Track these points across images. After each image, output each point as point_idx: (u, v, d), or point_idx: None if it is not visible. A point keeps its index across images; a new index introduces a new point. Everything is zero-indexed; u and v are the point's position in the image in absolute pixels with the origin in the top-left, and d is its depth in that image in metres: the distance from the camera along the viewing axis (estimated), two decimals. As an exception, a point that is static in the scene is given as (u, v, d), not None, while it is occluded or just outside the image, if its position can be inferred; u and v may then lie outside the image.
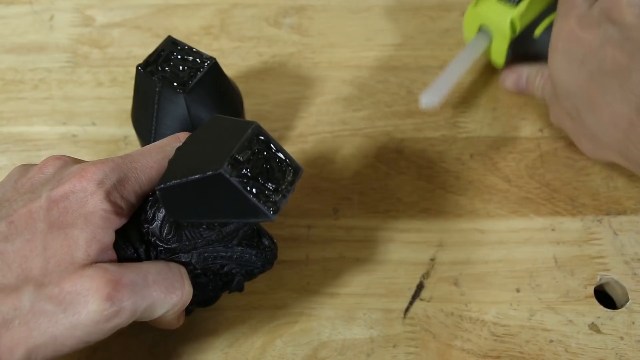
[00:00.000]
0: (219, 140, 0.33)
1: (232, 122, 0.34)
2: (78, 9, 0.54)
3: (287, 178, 0.33)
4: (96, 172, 0.33)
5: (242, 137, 0.32)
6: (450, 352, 0.40)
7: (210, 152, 0.32)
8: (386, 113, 0.49)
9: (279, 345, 0.40)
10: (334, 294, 0.42)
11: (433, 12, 0.54)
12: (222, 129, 0.34)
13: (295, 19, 0.54)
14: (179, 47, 0.41)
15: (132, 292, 0.31)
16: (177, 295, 0.33)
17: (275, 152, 0.34)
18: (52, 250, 0.32)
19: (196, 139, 0.34)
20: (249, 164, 0.32)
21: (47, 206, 0.33)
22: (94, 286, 0.31)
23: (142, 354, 0.40)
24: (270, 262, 0.37)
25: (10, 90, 0.51)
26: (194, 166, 0.32)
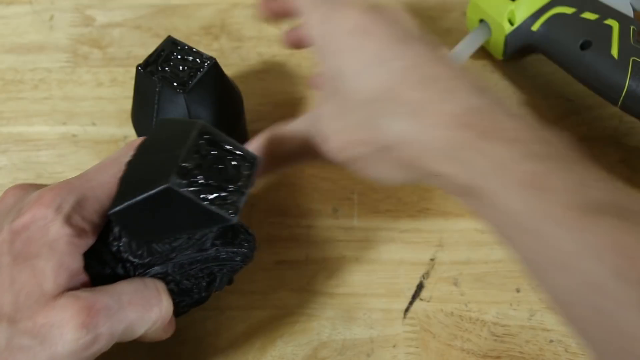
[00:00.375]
0: (167, 147, 0.32)
1: (179, 124, 0.33)
2: (78, 9, 0.54)
3: (242, 173, 0.32)
4: (54, 197, 0.32)
5: (187, 141, 0.31)
6: (450, 352, 0.40)
7: (158, 162, 0.31)
8: (386, 113, 0.49)
9: (279, 345, 0.40)
10: (334, 294, 0.42)
11: (433, 12, 0.54)
12: (169, 133, 0.33)
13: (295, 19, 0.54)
14: (179, 47, 0.41)
15: (107, 317, 0.31)
16: (155, 312, 0.33)
17: (226, 149, 0.32)
18: (20, 284, 0.31)
19: (145, 149, 0.33)
20: (199, 169, 0.31)
21: (10, 239, 0.32)
22: (67, 316, 0.30)
23: (142, 354, 0.40)
24: (249, 255, 0.36)
25: (10, 90, 0.51)
26: (143, 182, 0.31)
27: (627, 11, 0.46)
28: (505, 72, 0.51)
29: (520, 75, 0.51)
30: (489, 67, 0.51)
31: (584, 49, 0.45)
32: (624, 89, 0.43)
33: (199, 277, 0.35)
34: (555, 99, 0.50)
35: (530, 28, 0.47)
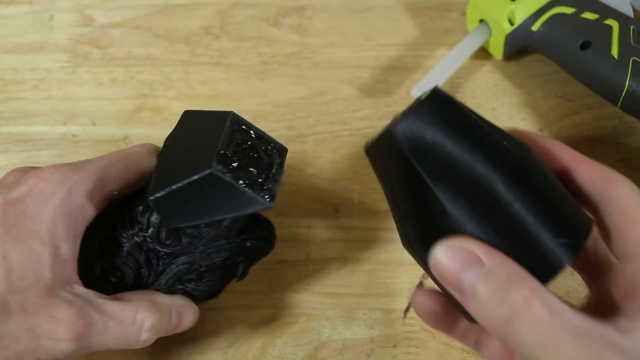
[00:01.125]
0: (200, 136, 0.32)
1: (207, 114, 0.34)
2: (78, 9, 0.54)
3: (275, 161, 0.33)
4: (55, 173, 0.32)
5: (222, 129, 0.32)
6: (450, 352, 0.40)
7: (194, 151, 0.32)
8: (386, 113, 0.49)
9: (279, 345, 0.40)
10: (334, 294, 0.42)
11: (433, 12, 0.54)
12: (199, 124, 0.33)
13: (295, 19, 0.54)
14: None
15: (94, 335, 0.31)
16: (133, 345, 0.33)
17: (258, 137, 0.33)
18: (14, 261, 0.30)
19: (176, 140, 0.34)
20: (237, 156, 0.32)
21: (3, 210, 0.31)
22: (62, 325, 0.30)
23: (143, 354, 0.40)
24: (271, 244, 0.37)
25: (10, 90, 0.51)
26: (182, 169, 0.31)
27: (627, 11, 0.46)
28: (505, 72, 0.51)
29: (520, 75, 0.51)
30: (489, 67, 0.51)
31: (584, 49, 0.45)
32: (624, 89, 0.43)
33: (221, 267, 0.36)
34: (555, 99, 0.50)
35: (530, 28, 0.47)
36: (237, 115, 0.33)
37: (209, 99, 0.50)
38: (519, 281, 0.26)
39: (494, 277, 0.26)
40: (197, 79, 0.51)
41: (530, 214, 0.27)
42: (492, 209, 0.27)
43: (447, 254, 0.27)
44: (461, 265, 0.27)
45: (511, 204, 0.27)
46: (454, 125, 0.29)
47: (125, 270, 0.35)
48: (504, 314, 0.26)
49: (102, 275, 0.35)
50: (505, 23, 0.47)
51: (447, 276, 0.27)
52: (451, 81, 0.50)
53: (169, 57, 0.52)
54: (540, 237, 0.27)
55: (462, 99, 0.50)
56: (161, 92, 0.50)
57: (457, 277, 0.27)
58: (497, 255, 0.27)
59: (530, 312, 0.25)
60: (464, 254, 0.27)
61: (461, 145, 0.28)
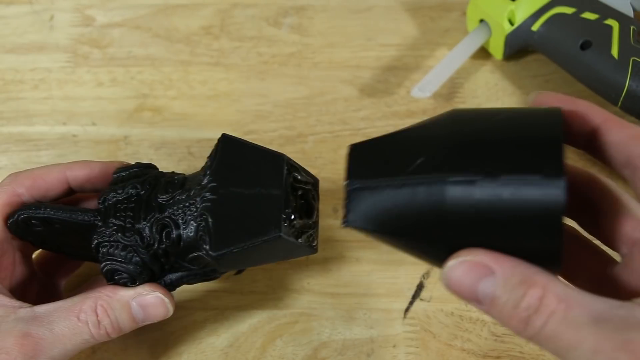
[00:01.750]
0: (257, 181, 0.33)
1: (254, 151, 0.34)
2: (78, 9, 0.54)
3: (316, 205, 0.35)
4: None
5: (281, 179, 0.33)
6: (450, 352, 0.40)
7: (255, 202, 0.32)
8: (386, 113, 0.49)
9: (279, 345, 0.40)
10: (334, 294, 0.42)
11: (433, 12, 0.54)
12: (249, 162, 0.34)
13: (295, 19, 0.54)
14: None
15: (45, 349, 0.33)
16: (90, 341, 0.34)
17: (305, 183, 0.35)
18: None
19: (225, 177, 0.34)
20: (295, 210, 0.33)
21: None
22: (13, 345, 0.32)
23: (142, 354, 0.40)
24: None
25: (10, 90, 0.51)
26: (246, 225, 0.32)
27: (627, 11, 0.46)
28: (505, 72, 0.51)
29: (520, 75, 0.51)
30: (489, 67, 0.51)
31: (584, 49, 0.45)
32: (624, 89, 0.43)
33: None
34: (555, 99, 0.49)
35: (530, 28, 0.47)
36: (289, 159, 0.34)
37: (209, 99, 0.50)
38: (531, 282, 0.26)
39: (507, 284, 0.26)
40: (197, 79, 0.51)
41: (502, 200, 0.27)
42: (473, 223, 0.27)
43: (458, 271, 0.27)
44: (474, 279, 0.27)
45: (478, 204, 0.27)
46: (381, 184, 0.29)
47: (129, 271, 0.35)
48: (522, 316, 0.26)
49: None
50: (505, 23, 0.47)
51: (463, 292, 0.27)
52: (451, 81, 0.50)
53: (169, 57, 0.52)
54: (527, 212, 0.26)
55: (462, 99, 0.50)
56: (161, 92, 0.50)
57: (473, 291, 0.27)
58: (506, 260, 0.27)
59: (546, 310, 0.25)
60: (475, 267, 0.27)
61: (401, 189, 0.29)
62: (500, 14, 0.47)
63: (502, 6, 0.47)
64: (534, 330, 0.26)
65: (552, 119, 0.28)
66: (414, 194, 0.28)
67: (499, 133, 0.28)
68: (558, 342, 0.25)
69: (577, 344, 0.25)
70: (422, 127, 0.30)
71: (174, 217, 0.34)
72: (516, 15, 0.47)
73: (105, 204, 0.35)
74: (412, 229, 0.29)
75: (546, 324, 0.25)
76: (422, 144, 0.29)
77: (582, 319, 0.25)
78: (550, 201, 0.26)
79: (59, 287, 0.41)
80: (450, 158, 0.28)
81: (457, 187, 0.27)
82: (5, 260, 0.36)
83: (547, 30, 0.47)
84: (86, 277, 0.42)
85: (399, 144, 0.30)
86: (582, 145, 0.30)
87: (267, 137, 0.48)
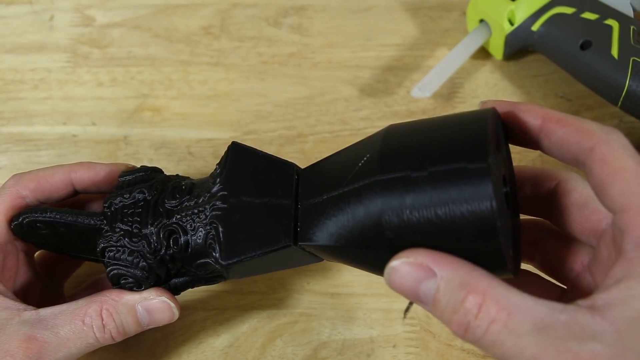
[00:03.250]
0: (266, 190, 0.33)
1: (264, 160, 0.34)
2: (78, 9, 0.54)
3: None
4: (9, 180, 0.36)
5: (291, 190, 0.33)
6: (450, 352, 0.40)
7: (266, 211, 0.32)
8: (386, 113, 0.49)
9: (279, 345, 0.40)
10: (334, 294, 0.42)
11: (433, 12, 0.54)
12: (259, 171, 0.34)
13: (295, 19, 0.54)
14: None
15: (49, 352, 0.33)
16: (95, 345, 0.34)
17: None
18: None
19: (235, 185, 0.34)
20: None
21: None
22: (17, 348, 0.32)
23: (142, 354, 0.40)
24: None
25: (10, 90, 0.51)
26: (256, 234, 0.32)
27: (627, 11, 0.46)
28: (505, 72, 0.51)
29: (520, 75, 0.51)
30: (489, 67, 0.51)
31: (584, 49, 0.45)
32: (624, 89, 0.43)
33: None
34: (555, 99, 0.50)
35: (530, 28, 0.47)
36: (299, 168, 0.34)
37: (209, 99, 0.50)
38: (471, 286, 0.25)
39: (447, 287, 0.26)
40: (197, 79, 0.51)
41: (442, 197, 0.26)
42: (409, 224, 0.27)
43: (399, 272, 0.27)
44: (415, 281, 0.26)
45: (414, 209, 0.27)
46: (322, 200, 0.31)
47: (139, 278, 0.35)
48: (461, 321, 0.25)
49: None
50: (505, 23, 0.47)
51: (406, 293, 0.27)
52: (451, 81, 0.50)
53: (169, 57, 0.52)
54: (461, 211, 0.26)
55: (462, 99, 0.50)
56: (161, 92, 0.50)
57: (415, 292, 0.27)
58: (448, 261, 0.26)
59: (485, 317, 0.25)
60: (416, 268, 0.26)
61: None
62: (500, 14, 0.47)
63: (502, 6, 0.47)
64: (474, 337, 0.25)
65: (481, 116, 0.28)
66: (350, 204, 0.29)
67: (428, 135, 0.28)
68: (498, 350, 0.25)
69: (518, 353, 0.24)
70: (358, 144, 0.32)
71: (182, 224, 0.34)
72: (516, 15, 0.47)
73: (111, 208, 0.35)
74: (353, 240, 0.29)
75: (486, 333, 0.25)
76: (356, 158, 0.30)
77: (523, 326, 0.24)
78: (479, 190, 0.25)
79: (61, 287, 0.41)
80: (381, 163, 0.28)
81: (387, 186, 0.27)
82: (9, 261, 0.36)
83: (547, 30, 0.47)
84: (86, 276, 0.42)
85: (337, 163, 0.31)
86: (533, 145, 0.30)
87: (267, 137, 0.48)
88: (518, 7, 0.47)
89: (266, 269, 0.34)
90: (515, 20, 0.47)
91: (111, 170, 0.38)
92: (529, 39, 0.48)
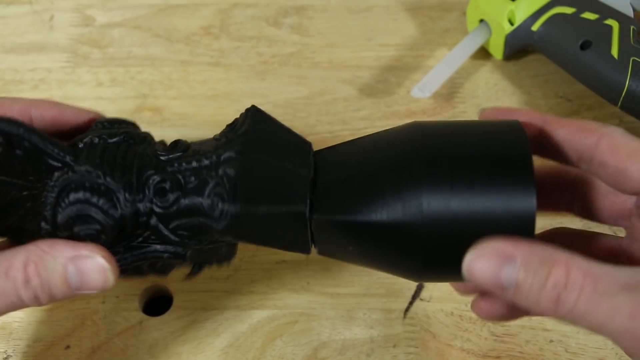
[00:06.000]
0: (286, 156, 0.32)
1: (284, 131, 0.34)
2: (78, 9, 0.54)
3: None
4: None
5: (309, 162, 0.32)
6: (450, 352, 0.40)
7: (282, 174, 0.31)
8: (386, 113, 0.49)
9: (279, 345, 0.40)
10: (334, 294, 0.42)
11: (433, 12, 0.54)
12: (280, 141, 0.33)
13: (295, 19, 0.54)
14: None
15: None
16: (18, 301, 0.29)
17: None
18: None
19: (253, 141, 0.32)
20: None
21: None
22: None
23: (142, 354, 0.40)
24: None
25: (10, 90, 0.51)
26: (272, 191, 0.31)
27: (627, 11, 0.46)
28: (505, 72, 0.51)
29: (520, 75, 0.51)
30: (489, 67, 0.51)
31: (584, 49, 0.45)
32: (624, 89, 0.43)
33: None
34: (555, 99, 0.50)
35: (530, 28, 0.47)
36: (312, 146, 0.34)
37: (209, 98, 0.50)
38: (552, 260, 0.26)
39: (529, 266, 0.26)
40: (197, 79, 0.51)
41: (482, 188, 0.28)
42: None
43: (478, 263, 0.27)
44: (496, 268, 0.27)
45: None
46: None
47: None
48: (550, 296, 0.26)
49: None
50: (505, 23, 0.47)
51: (487, 282, 0.27)
52: (451, 81, 0.50)
53: (169, 57, 0.52)
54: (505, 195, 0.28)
55: (462, 99, 0.50)
56: (161, 92, 0.50)
57: (497, 280, 0.27)
58: (523, 243, 0.27)
59: (575, 285, 0.25)
60: (494, 256, 0.27)
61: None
62: (500, 14, 0.47)
63: (502, 6, 0.47)
64: (567, 308, 0.26)
65: (516, 133, 0.29)
66: (388, 212, 0.29)
67: (466, 146, 0.29)
68: (593, 316, 0.25)
69: (613, 315, 0.25)
70: (382, 143, 0.31)
71: (176, 176, 0.31)
72: (516, 15, 0.47)
73: (88, 144, 0.31)
74: (385, 246, 0.30)
75: (578, 300, 0.25)
76: (385, 160, 0.30)
77: (611, 289, 0.25)
78: (523, 212, 0.28)
79: None
80: (421, 173, 0.29)
81: (433, 199, 0.28)
82: None
83: (547, 30, 0.47)
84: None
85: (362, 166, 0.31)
86: (535, 150, 0.31)
87: (267, 137, 0.48)
88: (518, 7, 0.47)
89: (264, 237, 0.32)
90: (515, 20, 0.47)
91: (79, 114, 0.34)
92: (529, 39, 0.48)
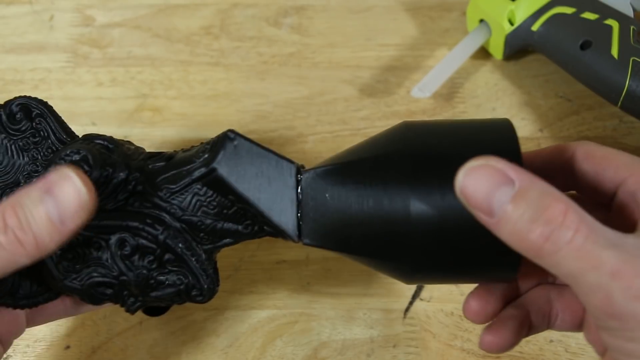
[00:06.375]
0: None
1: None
2: (78, 9, 0.54)
3: None
4: None
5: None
6: (450, 352, 0.40)
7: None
8: (386, 113, 0.49)
9: (279, 345, 0.40)
10: (334, 294, 0.42)
11: (433, 12, 0.54)
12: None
13: (295, 19, 0.54)
14: None
15: None
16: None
17: None
18: None
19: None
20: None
21: None
22: None
23: (142, 354, 0.40)
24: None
25: (10, 90, 0.51)
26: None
27: (627, 11, 0.46)
28: (505, 72, 0.51)
29: (520, 75, 0.51)
30: (489, 67, 0.51)
31: (584, 49, 0.45)
32: (624, 89, 0.43)
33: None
34: (555, 99, 0.50)
35: (530, 28, 0.47)
36: (302, 168, 0.34)
37: (209, 99, 0.50)
38: (554, 196, 0.24)
39: (527, 195, 0.24)
40: (197, 79, 0.51)
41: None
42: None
43: (475, 175, 0.25)
44: (491, 186, 0.25)
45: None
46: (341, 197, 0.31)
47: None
48: (541, 231, 0.24)
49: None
50: (505, 23, 0.47)
51: (477, 198, 0.25)
52: (451, 81, 0.50)
53: (169, 57, 0.52)
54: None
55: (461, 99, 0.50)
56: (161, 92, 0.50)
57: (488, 198, 0.25)
58: (525, 172, 0.25)
59: (571, 226, 0.24)
60: (493, 173, 0.25)
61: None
62: (500, 14, 0.47)
63: (502, 6, 0.47)
64: (554, 248, 0.24)
65: (505, 131, 0.29)
66: (376, 209, 0.29)
67: (456, 145, 0.29)
68: (575, 263, 0.24)
69: (597, 266, 0.24)
70: (374, 145, 0.32)
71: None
72: (516, 15, 0.47)
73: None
74: (375, 244, 0.30)
75: (571, 241, 0.24)
76: (376, 160, 0.30)
77: (601, 241, 0.24)
78: None
79: None
80: (411, 172, 0.28)
81: (421, 198, 0.28)
82: None
83: (547, 30, 0.47)
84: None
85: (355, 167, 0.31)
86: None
87: (267, 137, 0.48)
88: (518, 7, 0.47)
89: (254, 191, 0.32)
90: (515, 20, 0.47)
91: None
92: (529, 39, 0.48)
